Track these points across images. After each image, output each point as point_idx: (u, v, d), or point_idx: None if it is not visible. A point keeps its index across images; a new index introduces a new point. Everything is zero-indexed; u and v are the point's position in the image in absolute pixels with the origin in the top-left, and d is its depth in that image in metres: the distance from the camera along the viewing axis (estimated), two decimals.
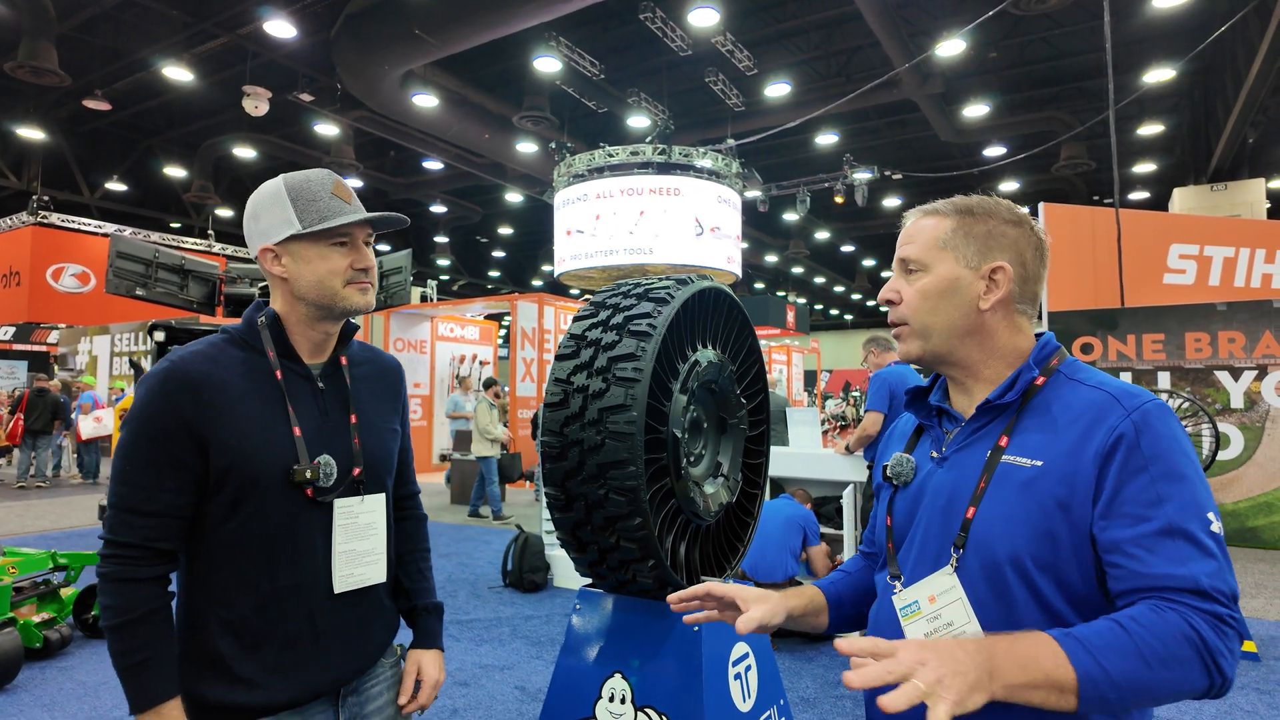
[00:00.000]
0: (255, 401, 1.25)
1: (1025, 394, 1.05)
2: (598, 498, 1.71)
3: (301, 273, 1.29)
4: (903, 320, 1.13)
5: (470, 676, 4.01)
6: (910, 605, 1.06)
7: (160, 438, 1.19)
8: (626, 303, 1.84)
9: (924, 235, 1.13)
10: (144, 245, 8.27)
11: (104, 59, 14.74)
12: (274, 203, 1.29)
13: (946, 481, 1.07)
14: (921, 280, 1.11)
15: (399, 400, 1.51)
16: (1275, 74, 11.39)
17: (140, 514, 1.18)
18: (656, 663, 1.80)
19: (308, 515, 1.27)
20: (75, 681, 3.89)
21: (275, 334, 1.31)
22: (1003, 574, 0.97)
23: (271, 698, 1.24)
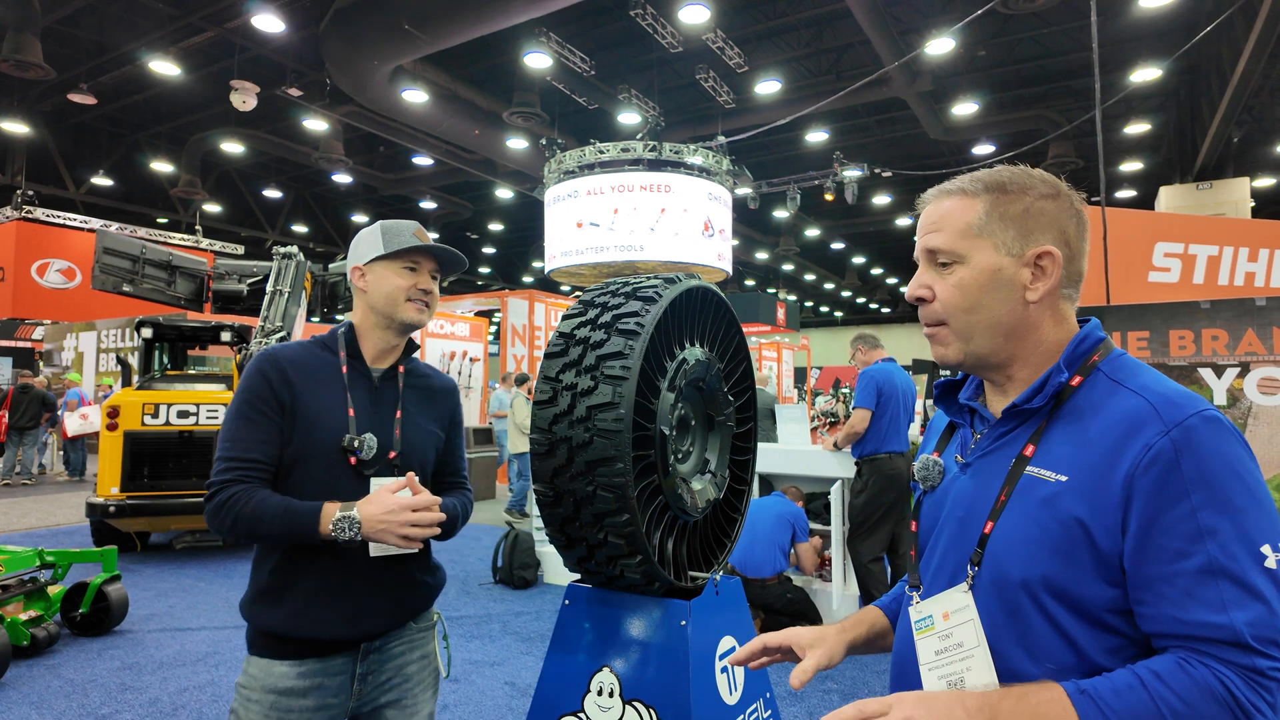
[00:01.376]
0: (324, 385, 1.59)
1: (1058, 396, 0.93)
2: (586, 494, 1.73)
3: (377, 287, 1.64)
4: (938, 320, 1.00)
5: (460, 673, 4.03)
6: (925, 620, 0.99)
7: (256, 401, 1.52)
8: (615, 301, 1.86)
9: (952, 220, 0.99)
10: (131, 241, 8.23)
11: (89, 53, 14.61)
12: (371, 236, 1.66)
13: (968, 490, 0.98)
14: (958, 274, 0.97)
15: (446, 412, 1.80)
16: (1260, 74, 11.51)
17: (240, 460, 1.49)
18: (644, 657, 1.82)
19: (348, 484, 1.54)
20: (63, 679, 3.88)
21: (348, 340, 1.66)
22: (1017, 597, 0.88)
23: (301, 626, 1.50)
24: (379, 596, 1.56)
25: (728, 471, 2.14)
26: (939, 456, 1.08)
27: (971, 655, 0.91)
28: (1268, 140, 16.86)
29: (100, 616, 4.56)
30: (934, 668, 0.96)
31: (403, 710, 1.63)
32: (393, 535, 1.45)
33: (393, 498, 1.46)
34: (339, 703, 1.55)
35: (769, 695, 2.10)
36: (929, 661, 0.96)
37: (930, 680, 0.96)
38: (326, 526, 1.43)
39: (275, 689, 1.49)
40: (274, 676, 1.49)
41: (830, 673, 4.05)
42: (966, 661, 0.92)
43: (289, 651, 1.50)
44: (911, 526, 1.09)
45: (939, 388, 1.12)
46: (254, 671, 1.51)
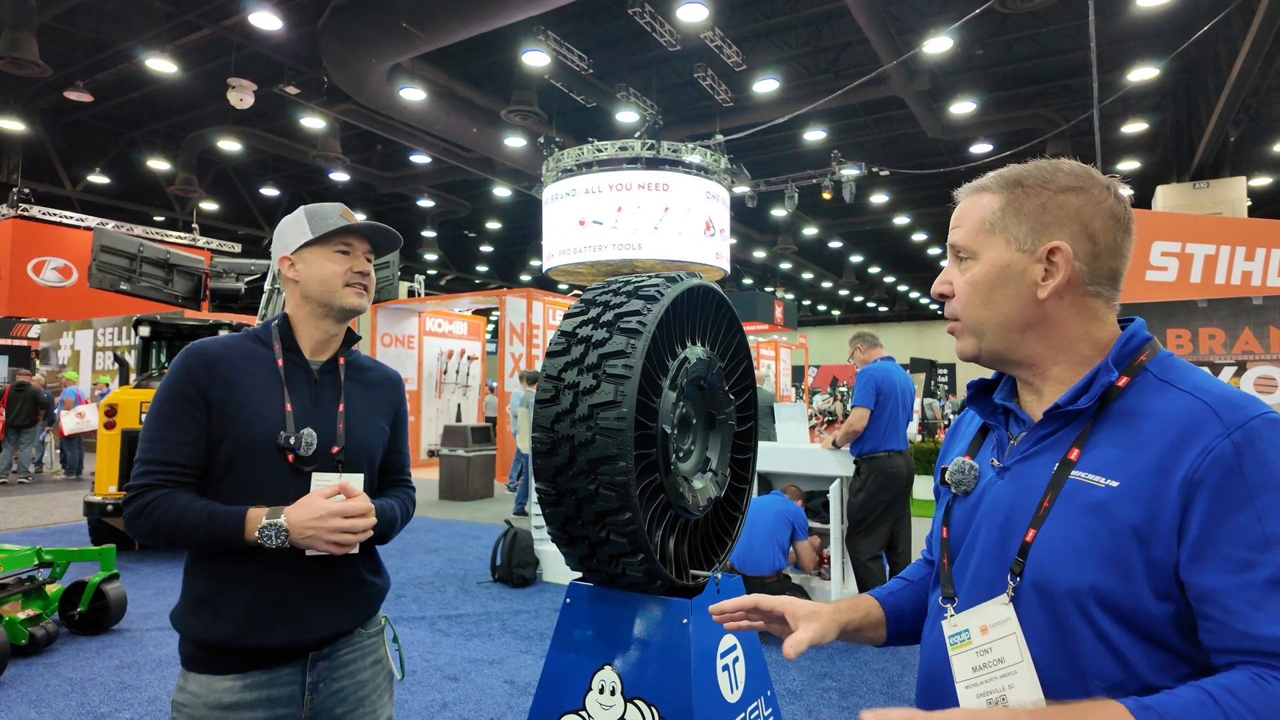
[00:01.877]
0: (257, 380, 1.50)
1: (1103, 398, 0.89)
2: (588, 493, 1.73)
3: (309, 275, 1.55)
4: (955, 316, 1.00)
5: (459, 671, 4.03)
6: (960, 634, 0.94)
7: (178, 399, 1.44)
8: (617, 300, 1.86)
9: (971, 217, 0.99)
10: (128, 239, 8.20)
11: (86, 50, 14.56)
12: (295, 222, 1.58)
13: (1006, 495, 0.94)
14: (971, 270, 0.97)
15: (392, 406, 1.72)
16: (1257, 73, 11.53)
17: (159, 463, 1.41)
18: (646, 655, 1.82)
19: (289, 482, 1.46)
20: (62, 678, 3.88)
21: (284, 332, 1.58)
22: (1063, 609, 0.84)
23: (242, 637, 1.41)
24: (324, 601, 1.49)
25: (729, 470, 2.15)
26: (972, 460, 1.02)
27: (1014, 672, 0.87)
28: (1264, 140, 16.90)
29: (99, 615, 4.55)
30: (972, 685, 0.91)
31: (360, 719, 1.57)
32: (321, 542, 1.39)
33: (322, 503, 1.40)
34: (290, 713, 1.47)
35: (770, 693, 2.10)
36: (966, 678, 0.91)
37: (968, 698, 0.90)
38: (252, 533, 1.36)
39: (219, 705, 1.40)
40: (216, 692, 1.40)
41: (829, 670, 4.06)
42: (1009, 678, 0.87)
43: (232, 665, 1.42)
44: (942, 533, 1.03)
45: (972, 388, 1.07)
46: (193, 689, 1.41)
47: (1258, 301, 7.40)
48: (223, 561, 1.42)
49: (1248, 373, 7.14)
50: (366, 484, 1.58)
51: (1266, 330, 7.36)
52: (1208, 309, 7.39)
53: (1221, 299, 7.45)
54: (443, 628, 4.77)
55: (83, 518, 8.54)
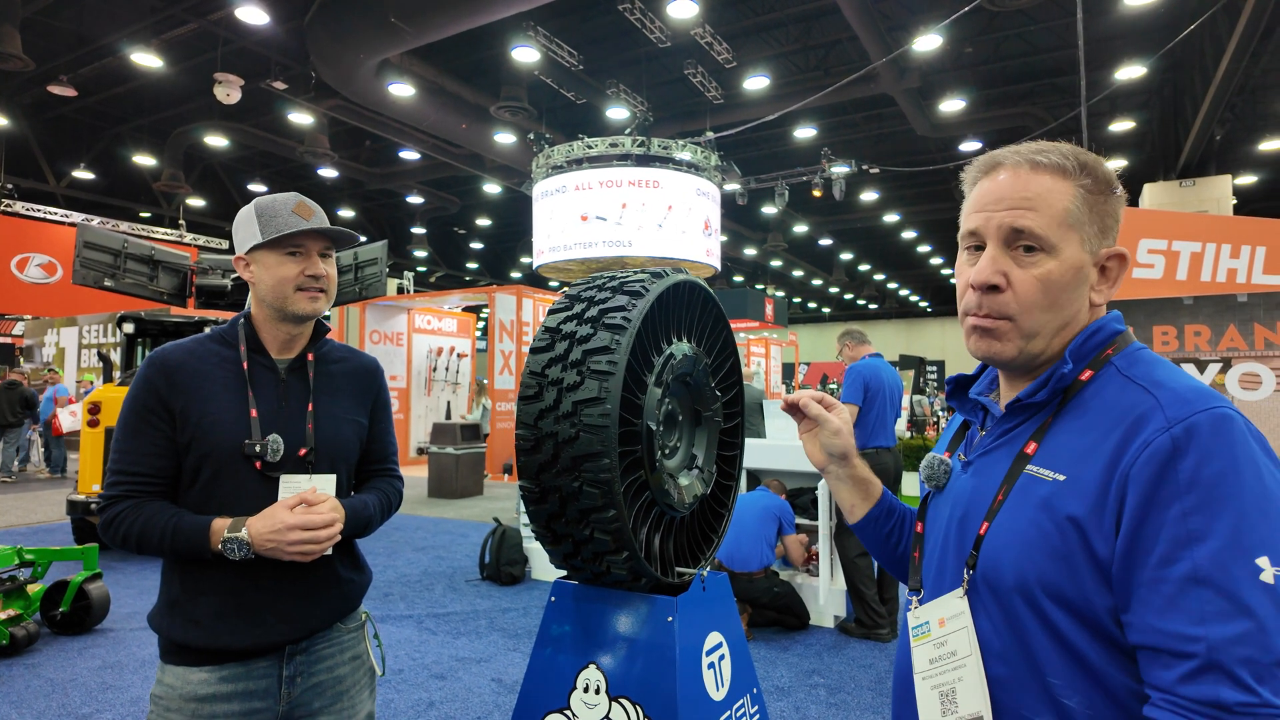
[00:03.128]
0: (221, 387, 1.47)
1: (1066, 391, 0.87)
2: (572, 490, 1.71)
3: (262, 278, 1.50)
4: (1006, 315, 0.88)
5: (447, 669, 4.01)
6: (921, 625, 0.94)
7: (142, 410, 1.43)
8: (601, 295, 1.84)
9: (1051, 202, 0.87)
10: (113, 235, 8.11)
11: (69, 44, 14.40)
12: (246, 220, 1.52)
13: (967, 490, 0.93)
14: (1045, 266, 0.86)
15: (369, 396, 1.68)
16: (1242, 72, 11.62)
17: (127, 474, 1.41)
18: (631, 653, 1.81)
19: (258, 486, 1.45)
20: (43, 679, 3.83)
21: (248, 332, 1.54)
22: (1012, 602, 0.83)
23: (215, 639, 1.42)
24: (297, 600, 1.48)
25: (715, 467, 2.14)
26: (949, 456, 1.02)
27: (964, 664, 0.86)
28: (1249, 138, 17.04)
29: (81, 615, 4.51)
30: (928, 677, 0.91)
31: (339, 715, 1.56)
32: (284, 554, 1.37)
33: (282, 515, 1.37)
34: (267, 707, 1.46)
35: (756, 691, 2.09)
36: (923, 670, 0.92)
37: (924, 691, 0.91)
38: (216, 545, 1.36)
39: (195, 696, 1.40)
40: (192, 684, 1.41)
41: (817, 666, 4.06)
42: (959, 671, 0.87)
43: (207, 659, 1.43)
44: (917, 528, 1.04)
45: (951, 383, 1.05)
46: (170, 681, 1.42)
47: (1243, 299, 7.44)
48: (194, 567, 1.43)
49: (1233, 369, 7.20)
50: (343, 481, 1.57)
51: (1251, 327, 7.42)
52: (1193, 306, 7.43)
53: (1207, 296, 7.49)
54: (430, 626, 4.75)
55: (66, 517, 8.46)
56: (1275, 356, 6.70)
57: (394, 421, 1.82)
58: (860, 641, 4.48)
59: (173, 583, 1.45)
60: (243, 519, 1.38)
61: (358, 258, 8.45)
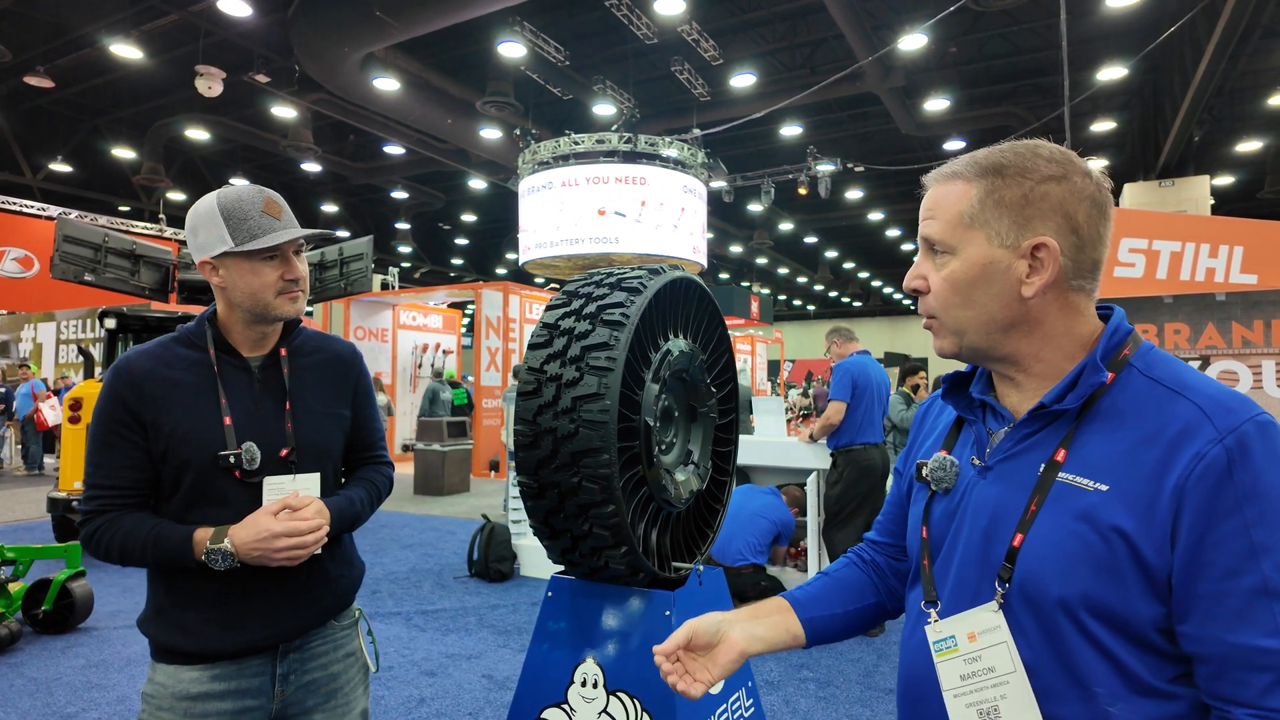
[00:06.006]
0: (191, 393, 1.42)
1: (1090, 396, 0.87)
2: (571, 485, 1.72)
3: (236, 284, 1.43)
4: (931, 314, 0.95)
5: (437, 666, 4.00)
6: (946, 640, 0.91)
7: (111, 423, 1.39)
8: (599, 292, 1.85)
9: (946, 208, 0.93)
10: (93, 229, 7.99)
11: (46, 34, 14.15)
12: (209, 220, 1.41)
13: (990, 497, 0.90)
14: (949, 266, 0.92)
15: (349, 385, 1.63)
16: (1220, 74, 11.80)
17: (103, 487, 1.39)
18: (628, 648, 1.82)
19: (240, 491, 1.42)
20: (26, 678, 3.79)
21: (216, 333, 1.47)
22: (1054, 616, 0.82)
23: (205, 645, 1.40)
24: (286, 601, 1.46)
25: (710, 462, 2.15)
26: (949, 455, 0.99)
27: (1006, 681, 0.85)
28: (1227, 140, 17.30)
29: (64, 614, 4.45)
30: (961, 694, 0.88)
31: (334, 713, 1.55)
32: (271, 561, 1.35)
33: (266, 523, 1.34)
34: (260, 705, 1.45)
35: (750, 684, 2.11)
36: (954, 687, 0.89)
37: (957, 708, 0.89)
38: (199, 555, 1.34)
39: (187, 695, 1.39)
40: (184, 683, 1.40)
41: (806, 661, 4.09)
42: (1000, 688, 0.85)
43: (198, 659, 1.41)
44: (922, 532, 0.99)
45: (947, 380, 1.04)
46: (161, 679, 1.41)
47: (1221, 298, 7.57)
48: (179, 576, 1.41)
49: (1211, 367, 7.32)
50: (329, 478, 1.54)
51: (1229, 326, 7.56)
52: (1173, 304, 7.55)
53: (1186, 295, 7.61)
54: (419, 623, 4.73)
55: (45, 514, 8.34)
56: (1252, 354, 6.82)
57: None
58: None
59: (159, 591, 1.44)
60: (225, 528, 1.35)
61: (343, 253, 8.38)
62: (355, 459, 1.68)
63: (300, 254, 1.50)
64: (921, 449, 1.08)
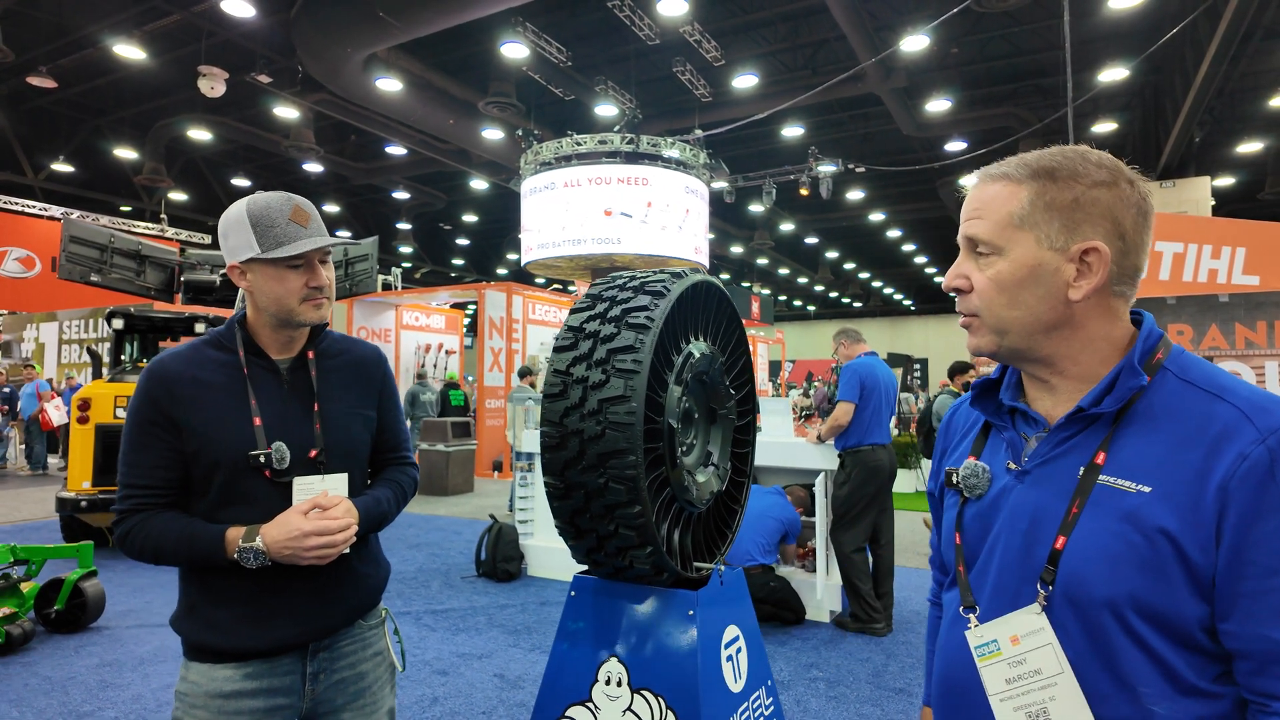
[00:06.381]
0: (222, 395, 1.44)
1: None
2: (597, 486, 1.74)
3: (262, 290, 1.46)
4: (973, 312, 0.95)
5: (449, 665, 4.03)
6: (988, 645, 0.91)
7: (145, 424, 1.42)
8: (623, 295, 1.87)
9: (995, 208, 0.93)
10: (99, 230, 8.02)
11: (49, 34, 14.17)
12: (238, 226, 1.44)
13: (1028, 501, 0.91)
14: (995, 266, 0.92)
15: (374, 387, 1.66)
16: (1221, 76, 11.83)
17: (137, 487, 1.41)
18: (653, 646, 1.84)
19: (270, 491, 1.44)
20: (40, 677, 3.81)
21: (246, 335, 1.50)
22: (1100, 618, 0.83)
23: (237, 642, 1.43)
24: (316, 599, 1.49)
25: (729, 464, 2.18)
26: (979, 461, 1.00)
27: (1054, 683, 0.85)
28: (1227, 141, 17.34)
29: (76, 613, 4.47)
30: (1007, 698, 0.89)
31: (362, 711, 1.57)
32: (301, 560, 1.37)
33: (297, 522, 1.37)
34: (290, 703, 1.48)
35: (770, 683, 2.14)
36: (1000, 691, 0.89)
37: (1005, 712, 0.89)
38: (231, 554, 1.36)
39: (220, 693, 1.42)
40: (217, 681, 1.42)
41: (815, 660, 4.12)
42: (1048, 690, 0.86)
43: (230, 658, 1.43)
44: (956, 539, 1.00)
45: (976, 387, 1.04)
46: (194, 678, 1.43)
47: (1224, 299, 7.60)
48: (211, 574, 1.43)
49: None
50: (356, 478, 1.57)
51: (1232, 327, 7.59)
52: (1176, 306, 7.57)
53: (1189, 296, 7.64)
54: (429, 623, 4.76)
55: (50, 514, 8.36)
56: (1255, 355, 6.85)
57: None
58: (856, 636, 4.55)
59: (191, 589, 1.46)
60: (256, 527, 1.38)
61: (348, 254, 8.41)
62: (380, 460, 1.70)
63: (326, 262, 1.51)
64: (950, 457, 1.09)
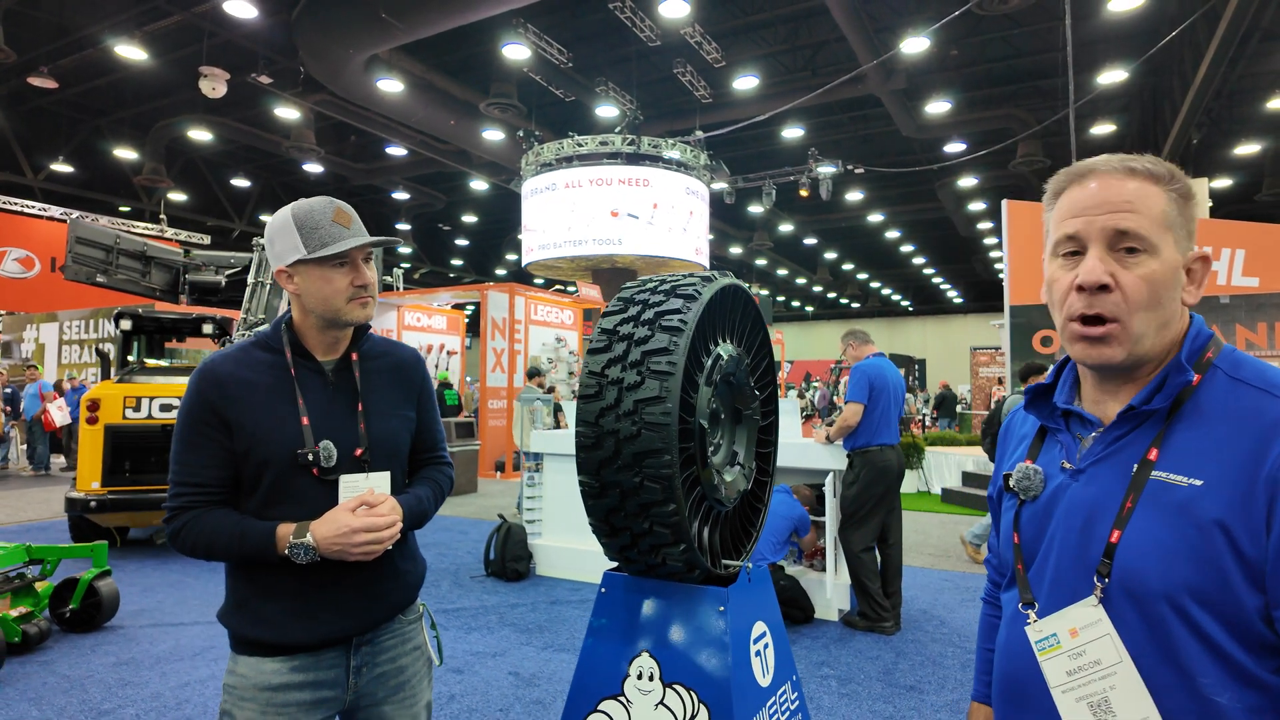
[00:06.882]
0: (271, 395, 1.49)
1: (1177, 397, 0.90)
2: (633, 485, 1.78)
3: (309, 291, 1.51)
4: (1115, 316, 0.90)
5: (463, 663, 4.06)
6: (1048, 639, 0.93)
7: (198, 424, 1.45)
8: (655, 299, 1.91)
9: (1149, 204, 0.90)
10: (105, 231, 8.04)
11: (50, 35, 14.17)
12: (284, 230, 1.50)
13: (1084, 497, 0.94)
14: (1148, 265, 0.89)
15: (415, 388, 1.71)
16: (1220, 78, 11.91)
17: (189, 485, 1.45)
18: (685, 642, 1.88)
19: (317, 489, 1.48)
20: (59, 675, 3.83)
21: (292, 337, 1.55)
22: (1158, 610, 0.85)
23: (285, 635, 1.47)
24: (360, 594, 1.53)
25: (754, 463, 2.22)
26: (1034, 464, 1.02)
27: (1114, 673, 0.87)
28: (1226, 142, 17.45)
29: (91, 612, 4.50)
30: (1069, 689, 0.91)
31: (402, 704, 1.61)
32: (349, 555, 1.42)
33: (346, 519, 1.42)
34: (335, 696, 1.52)
35: (795, 678, 2.18)
36: (1061, 683, 0.92)
37: (1067, 704, 0.91)
38: (282, 550, 1.41)
39: (268, 686, 1.46)
40: (265, 674, 1.46)
41: (826, 658, 4.16)
42: (1108, 679, 0.88)
43: (278, 651, 1.48)
44: (1014, 539, 1.02)
45: (1030, 393, 1.06)
46: (243, 671, 1.47)
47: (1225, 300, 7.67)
48: (259, 569, 1.47)
49: None
50: (397, 477, 1.62)
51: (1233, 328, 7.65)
52: None
53: None
54: (441, 621, 4.79)
55: (55, 515, 8.37)
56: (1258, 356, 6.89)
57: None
58: (865, 634, 4.59)
59: (239, 584, 1.51)
60: (306, 524, 1.42)
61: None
62: (418, 459, 1.75)
63: (369, 261, 1.56)
64: (1008, 462, 1.11)
